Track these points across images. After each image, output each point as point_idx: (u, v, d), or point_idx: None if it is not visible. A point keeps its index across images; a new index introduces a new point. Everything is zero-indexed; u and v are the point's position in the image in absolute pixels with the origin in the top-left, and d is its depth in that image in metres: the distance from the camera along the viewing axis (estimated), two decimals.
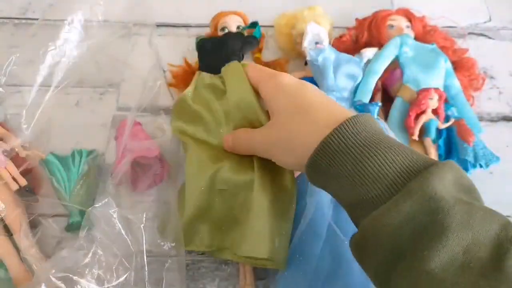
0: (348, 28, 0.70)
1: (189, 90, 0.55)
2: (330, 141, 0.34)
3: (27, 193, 0.52)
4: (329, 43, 0.62)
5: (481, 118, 0.64)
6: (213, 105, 0.53)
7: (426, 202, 0.28)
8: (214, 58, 0.57)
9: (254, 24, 0.65)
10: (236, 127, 0.50)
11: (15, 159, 0.53)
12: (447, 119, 0.57)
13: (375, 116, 0.56)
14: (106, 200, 0.48)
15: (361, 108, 0.57)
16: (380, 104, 0.57)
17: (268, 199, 0.46)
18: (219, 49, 0.59)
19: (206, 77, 0.55)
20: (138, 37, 0.71)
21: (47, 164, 0.53)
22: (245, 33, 0.63)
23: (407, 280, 0.28)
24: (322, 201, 0.49)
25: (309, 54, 0.59)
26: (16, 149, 0.53)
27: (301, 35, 0.64)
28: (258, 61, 0.66)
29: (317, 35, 0.60)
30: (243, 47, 0.60)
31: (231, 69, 0.52)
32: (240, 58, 0.58)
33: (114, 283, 0.44)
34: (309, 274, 0.47)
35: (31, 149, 0.55)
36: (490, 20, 0.75)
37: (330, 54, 0.60)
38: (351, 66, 0.60)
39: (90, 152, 0.56)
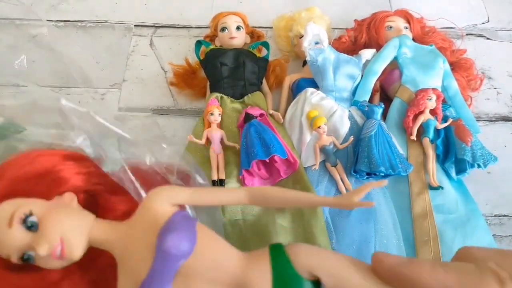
0: (347, 29, 0.70)
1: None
2: None
3: None
4: (329, 44, 0.62)
5: (479, 118, 0.64)
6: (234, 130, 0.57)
7: None
8: (231, 82, 0.60)
9: (265, 44, 0.65)
10: None
11: None
12: (445, 119, 0.57)
13: (378, 117, 0.56)
14: None
15: (365, 107, 0.57)
16: (383, 106, 0.57)
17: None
18: (236, 70, 0.60)
19: (227, 101, 0.60)
20: (139, 38, 0.72)
21: None
22: (256, 53, 0.63)
23: None
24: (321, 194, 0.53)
25: (309, 54, 0.60)
26: None
27: (298, 37, 0.65)
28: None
29: (317, 35, 0.60)
30: (259, 73, 0.62)
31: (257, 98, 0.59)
32: (259, 87, 0.62)
33: None
34: None
35: None
36: (488, 21, 0.76)
37: (330, 54, 0.60)
38: (351, 66, 0.60)
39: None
